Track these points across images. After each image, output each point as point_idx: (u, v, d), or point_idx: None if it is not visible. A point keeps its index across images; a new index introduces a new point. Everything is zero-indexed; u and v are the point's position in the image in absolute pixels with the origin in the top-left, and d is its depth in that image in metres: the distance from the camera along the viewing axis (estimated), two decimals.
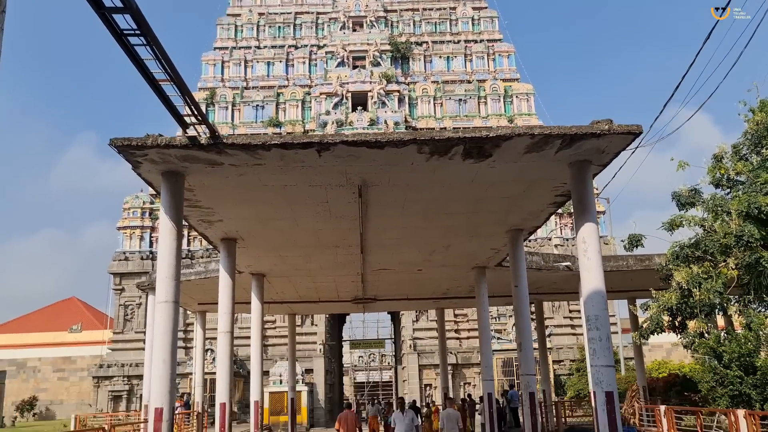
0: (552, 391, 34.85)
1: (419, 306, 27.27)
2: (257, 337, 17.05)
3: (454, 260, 16.34)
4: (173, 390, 8.58)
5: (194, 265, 18.59)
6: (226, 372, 12.85)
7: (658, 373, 33.59)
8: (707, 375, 13.40)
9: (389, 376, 77.29)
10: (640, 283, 20.39)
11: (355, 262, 16.07)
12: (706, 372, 13.70)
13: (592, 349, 8.67)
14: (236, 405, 37.16)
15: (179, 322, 40.10)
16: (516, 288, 13.16)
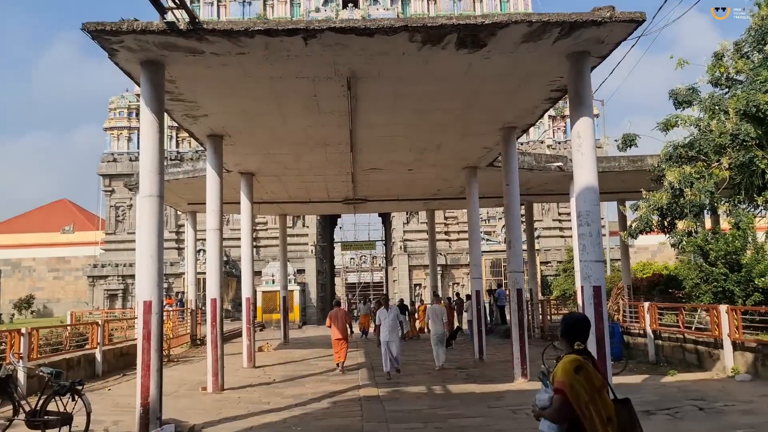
0: (539, 290, 35.75)
1: (410, 207, 27.35)
2: (247, 235, 17.06)
3: (446, 160, 16.14)
4: (161, 284, 8.57)
5: (182, 164, 18.31)
6: (216, 269, 12.90)
7: (642, 273, 34.30)
8: (692, 273, 13.61)
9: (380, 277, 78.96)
10: (631, 184, 20.37)
11: (345, 162, 15.84)
12: (692, 270, 13.92)
13: (581, 244, 8.66)
14: (230, 303, 38.00)
15: (171, 223, 40.25)
16: (507, 186, 13.05)
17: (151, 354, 8.34)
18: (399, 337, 14.10)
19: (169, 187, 18.84)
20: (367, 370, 15.31)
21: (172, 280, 40.39)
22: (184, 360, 18.35)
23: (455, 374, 14.15)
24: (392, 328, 13.76)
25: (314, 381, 13.72)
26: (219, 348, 12.50)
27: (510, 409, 9.63)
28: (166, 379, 14.52)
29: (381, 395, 11.46)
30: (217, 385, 12.27)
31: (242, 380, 13.97)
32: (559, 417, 3.64)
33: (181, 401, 11.35)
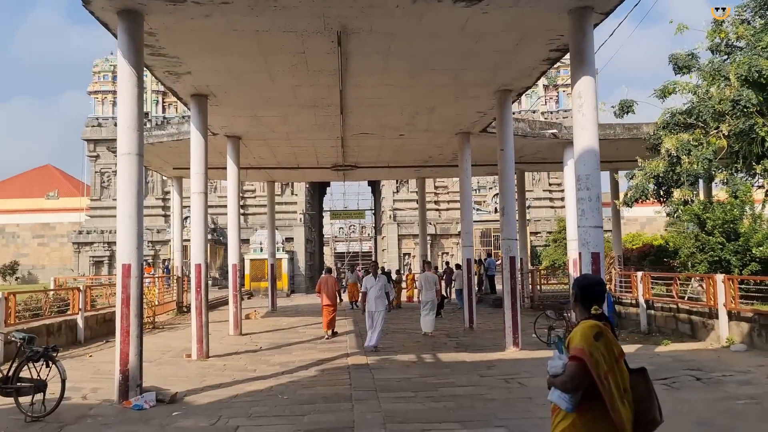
0: (528, 260, 35.66)
1: (400, 175, 26.94)
2: (234, 200, 16.61)
3: (438, 125, 15.70)
4: (141, 246, 8.17)
5: (167, 126, 17.74)
6: (201, 234, 12.50)
7: (632, 244, 34.25)
8: (688, 242, 13.36)
9: (369, 246, 78.82)
10: (625, 152, 20.02)
11: (334, 125, 15.37)
12: (688, 239, 13.66)
13: (580, 209, 8.33)
14: (217, 271, 37.67)
15: (158, 189, 39.61)
16: (502, 152, 12.67)
17: (130, 319, 7.98)
18: (385, 308, 12.88)
19: (154, 150, 18.34)
20: (356, 337, 15.06)
21: (159, 247, 39.95)
22: (170, 327, 18.04)
23: (445, 342, 13.93)
24: (379, 298, 12.70)
25: (302, 348, 13.46)
26: (204, 314, 12.17)
27: (502, 378, 9.39)
28: (150, 345, 14.27)
29: (370, 363, 11.20)
30: (201, 353, 11.97)
31: (228, 347, 13.68)
32: (572, 386, 3.29)
33: (165, 368, 11.04)
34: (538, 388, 8.72)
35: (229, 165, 16.69)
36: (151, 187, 41.48)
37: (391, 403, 7.93)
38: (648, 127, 17.91)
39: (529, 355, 11.76)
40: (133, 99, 8.16)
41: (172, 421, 7.32)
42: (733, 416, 6.75)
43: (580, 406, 3.32)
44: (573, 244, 18.83)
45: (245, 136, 16.56)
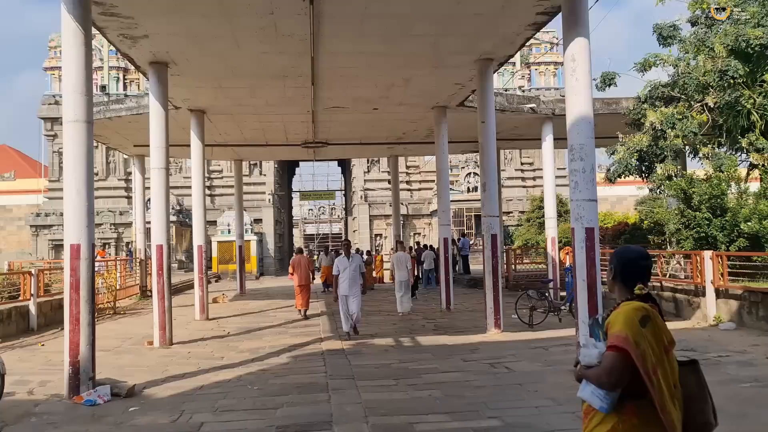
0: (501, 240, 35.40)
1: (373, 152, 26.19)
2: (199, 178, 15.72)
3: (414, 98, 14.99)
4: (92, 225, 7.33)
5: (125, 100, 16.70)
6: (163, 213, 11.64)
7: (604, 223, 34.16)
8: (674, 218, 12.97)
9: (339, 228, 78.12)
10: (603, 129, 19.53)
11: (305, 98, 14.54)
12: (672, 215, 13.28)
13: (574, 181, 7.74)
14: (183, 254, 36.57)
15: (120, 169, 38.13)
16: (483, 124, 12.03)
17: (80, 305, 7.17)
18: (360, 291, 11.75)
19: (112, 126, 17.30)
20: (329, 321, 14.40)
21: (122, 229, 38.63)
22: (132, 312, 17.12)
23: (423, 325, 13.36)
24: (352, 281, 11.52)
25: (272, 334, 12.74)
26: (167, 299, 11.35)
27: (488, 363, 8.82)
28: (110, 333, 13.42)
29: (345, 348, 10.56)
30: (164, 339, 11.18)
31: (194, 333, 12.89)
32: (610, 381, 2.61)
33: (124, 357, 10.23)
34: (526, 372, 8.19)
35: (193, 141, 15.77)
36: (113, 167, 40.03)
37: (372, 393, 7.29)
38: (627, 102, 17.48)
39: (512, 337, 11.24)
40: (79, 60, 7.27)
41: (128, 418, 6.56)
42: (743, 401, 6.27)
43: (621, 406, 2.67)
44: (551, 222, 18.45)
45: (210, 110, 15.64)
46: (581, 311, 7.65)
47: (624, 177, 14.55)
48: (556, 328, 12.06)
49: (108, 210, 38.96)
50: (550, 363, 8.66)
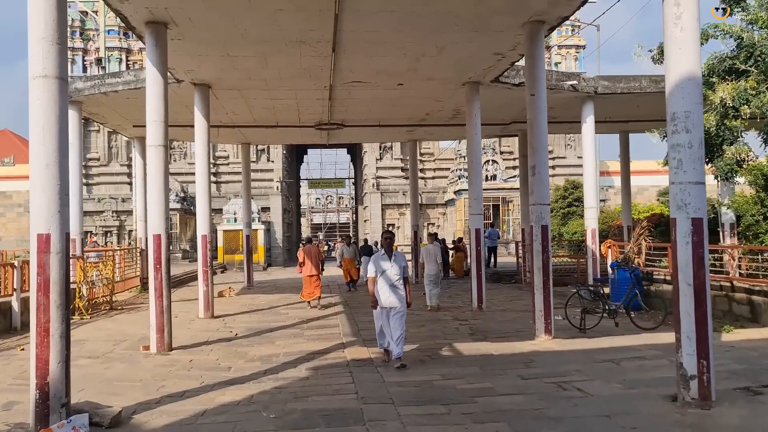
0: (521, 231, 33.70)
1: (390, 137, 24.51)
2: (203, 160, 14.14)
3: (445, 71, 13.34)
4: (65, 209, 5.75)
5: (123, 73, 15.09)
6: (161, 197, 10.04)
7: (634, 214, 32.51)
8: (752, 208, 11.33)
9: (346, 217, 76.69)
10: (645, 110, 17.94)
11: (323, 70, 12.91)
12: (750, 204, 11.63)
13: (675, 160, 6.10)
14: (187, 243, 35.10)
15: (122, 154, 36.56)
16: (532, 97, 10.37)
17: (50, 312, 5.60)
18: (405, 304, 8.33)
19: (109, 103, 15.73)
20: (348, 320, 12.85)
21: (124, 217, 37.17)
22: (130, 308, 15.59)
23: (456, 328, 11.77)
24: (395, 289, 8.23)
25: (286, 336, 11.19)
26: (165, 297, 9.79)
27: (553, 382, 7.21)
28: (102, 333, 11.87)
29: (374, 358, 8.98)
30: (162, 344, 9.62)
31: (196, 335, 11.35)
32: None
33: (114, 367, 8.67)
34: (606, 398, 6.57)
35: (197, 120, 14.18)
36: (116, 152, 38.54)
37: (421, 427, 5.71)
38: None
39: (567, 345, 9.62)
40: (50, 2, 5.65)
41: None
42: None
43: None
44: (591, 213, 16.77)
45: (216, 85, 14.02)
46: (685, 323, 6.03)
47: None
48: (613, 333, 10.46)
49: (110, 197, 37.50)
50: (632, 384, 7.05)
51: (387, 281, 8.22)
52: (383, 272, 8.24)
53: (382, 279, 8.23)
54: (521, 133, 21.43)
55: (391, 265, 8.24)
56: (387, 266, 8.25)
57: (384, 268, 8.25)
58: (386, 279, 8.21)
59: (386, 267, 8.25)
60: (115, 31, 38.40)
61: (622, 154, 22.22)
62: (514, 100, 16.59)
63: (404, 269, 8.31)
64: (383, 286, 8.23)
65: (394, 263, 8.25)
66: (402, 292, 8.24)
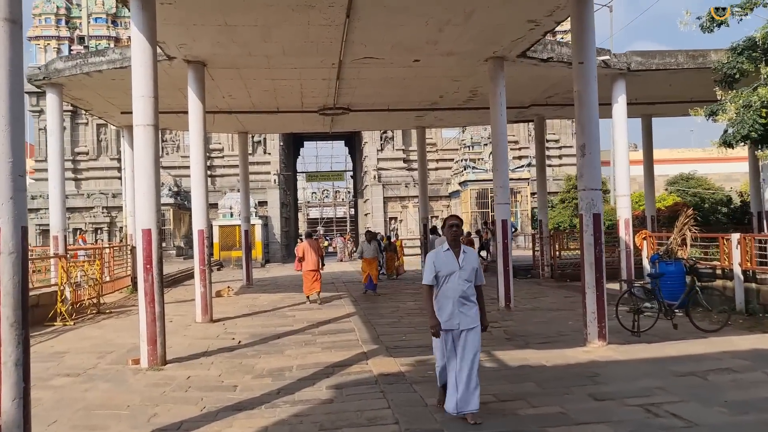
0: (529, 224, 32.38)
1: (398, 123, 23.04)
2: (199, 146, 12.69)
3: (469, 44, 11.93)
4: (21, 200, 4.31)
5: (108, 51, 13.59)
6: (150, 186, 8.60)
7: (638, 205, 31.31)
8: None
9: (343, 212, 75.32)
10: (678, 90, 16.61)
11: (332, 43, 11.49)
12: None
13: None
14: (182, 239, 33.66)
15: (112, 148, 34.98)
16: (581, 66, 8.98)
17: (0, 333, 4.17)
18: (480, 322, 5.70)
19: (92, 85, 14.25)
20: (365, 325, 11.46)
21: (115, 213, 35.61)
22: (120, 311, 14.15)
23: (489, 331, 10.33)
24: (466, 298, 5.60)
25: (296, 344, 9.79)
26: (158, 302, 8.36)
27: (638, 405, 5.83)
28: (86, 343, 10.36)
29: (405, 372, 7.60)
30: (155, 357, 8.21)
31: (194, 344, 9.94)
32: None
33: (97, 388, 7.24)
34: (716, 427, 5.21)
35: (191, 103, 12.74)
36: (105, 145, 36.96)
37: None
38: (717, 55, 14.44)
39: (627, 353, 8.25)
40: None
41: None
42: None
43: None
44: (623, 201, 15.39)
45: (212, 62, 12.57)
46: None
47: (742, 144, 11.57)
48: (673, 337, 9.11)
49: (100, 192, 35.94)
50: (739, 408, 5.68)
51: (453, 290, 5.52)
52: (448, 277, 5.54)
53: (445, 288, 5.56)
54: (537, 118, 20.10)
55: (460, 266, 5.54)
56: (453, 267, 5.53)
57: (449, 269, 5.53)
58: (452, 287, 5.53)
59: (452, 268, 5.53)
60: (103, 19, 36.76)
61: (645, 140, 20.89)
62: (536, 80, 15.24)
63: (477, 273, 5.65)
64: (447, 299, 5.55)
65: (464, 263, 5.55)
66: (475, 308, 5.58)
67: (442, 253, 5.66)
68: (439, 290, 5.61)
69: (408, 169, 37.33)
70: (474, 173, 32.36)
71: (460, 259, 5.58)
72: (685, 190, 38.91)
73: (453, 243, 5.65)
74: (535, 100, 17.41)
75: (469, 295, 5.57)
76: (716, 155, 48.86)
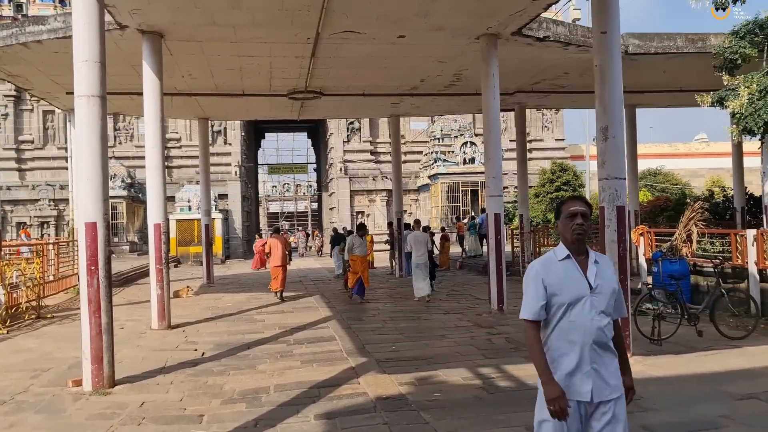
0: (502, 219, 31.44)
1: (372, 111, 21.66)
2: (155, 131, 11.15)
3: (461, 16, 10.70)
4: None
5: (48, 20, 11.88)
6: (96, 172, 7.12)
7: None
8: None
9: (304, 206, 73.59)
10: (671, 77, 15.73)
11: (310, 11, 10.11)
12: None
13: None
14: (136, 234, 31.73)
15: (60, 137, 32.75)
16: (603, 35, 7.82)
17: None
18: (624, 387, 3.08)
19: (31, 58, 12.56)
20: (346, 332, 10.16)
21: (62, 206, 33.33)
22: (63, 315, 12.50)
23: (488, 339, 9.21)
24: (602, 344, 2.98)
25: (270, 356, 8.45)
26: (105, 311, 6.88)
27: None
28: (19, 358, 8.63)
29: (406, 394, 6.35)
30: (100, 378, 6.75)
31: (149, 356, 8.50)
32: None
33: (24, 423, 5.76)
34: None
35: (146, 79, 11.18)
36: (52, 134, 34.62)
37: None
38: (717, 39, 13.57)
39: (662, 368, 7.11)
40: None
41: None
42: None
43: None
44: None
45: (170, 33, 11.04)
46: None
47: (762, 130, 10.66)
48: (700, 346, 8.07)
49: (46, 183, 33.61)
50: None
51: (582, 330, 2.98)
52: (571, 306, 3.00)
53: (566, 325, 3.00)
54: (518, 107, 19.00)
55: (593, 287, 3.01)
56: (581, 290, 3.01)
57: (575, 293, 3.00)
58: (580, 324, 2.99)
59: (579, 291, 3.00)
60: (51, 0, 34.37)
61: (630, 132, 20.04)
62: (526, 63, 14.12)
63: (617, 298, 3.10)
64: (569, 344, 2.99)
65: (598, 281, 3.03)
66: (615, 361, 3.04)
67: (556, 263, 3.05)
68: (552, 330, 3.02)
69: (376, 162, 36.05)
70: (445, 166, 31.28)
71: (591, 273, 3.02)
72: (653, 185, 38.62)
73: (576, 246, 3.05)
74: (521, 87, 16.33)
75: (606, 339, 2.99)
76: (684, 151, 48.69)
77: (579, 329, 2.95)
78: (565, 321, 2.97)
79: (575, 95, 17.58)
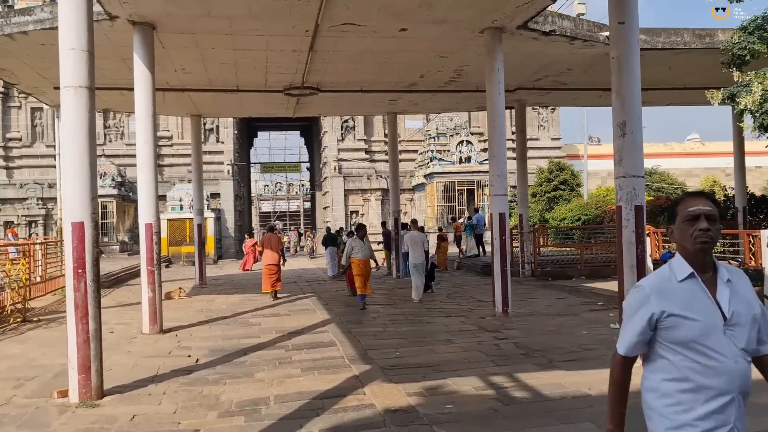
0: None
1: (369, 108, 21.23)
2: (147, 126, 10.68)
3: (465, 9, 10.33)
4: None
5: (35, 10, 11.39)
6: (84, 167, 6.65)
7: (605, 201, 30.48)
8: None
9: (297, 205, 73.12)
10: (675, 74, 15.42)
11: (310, 3, 9.68)
12: None
13: None
14: (126, 234, 31.16)
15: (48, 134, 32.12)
16: (621, 26, 7.47)
17: None
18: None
19: (17, 51, 12.08)
20: (346, 336, 9.74)
21: (51, 205, 32.72)
22: (51, 318, 12.01)
23: (496, 344, 8.82)
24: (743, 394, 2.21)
25: (269, 363, 8.01)
26: (92, 317, 6.43)
27: None
28: (2, 364, 8.28)
29: (417, 407, 5.94)
30: (88, 389, 6.30)
31: (140, 363, 8.05)
32: None
33: None
34: None
35: (138, 72, 10.72)
36: (40, 131, 33.96)
37: None
38: (724, 35, 13.26)
39: None
40: None
41: None
42: None
43: None
44: None
45: (163, 24, 10.58)
46: None
47: None
48: None
49: (35, 182, 32.99)
50: None
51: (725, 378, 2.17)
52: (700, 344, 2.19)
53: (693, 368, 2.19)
54: (518, 104, 18.68)
55: (726, 315, 2.20)
56: (712, 317, 2.20)
57: (705, 325, 2.19)
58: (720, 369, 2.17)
59: (710, 320, 2.20)
60: None
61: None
62: (528, 59, 13.76)
63: (761, 326, 2.27)
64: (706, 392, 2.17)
65: (733, 308, 2.21)
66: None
67: (675, 284, 2.26)
68: (671, 375, 2.25)
69: (370, 161, 35.63)
70: (441, 165, 30.90)
71: (723, 296, 2.23)
72: (649, 185, 38.46)
73: (701, 259, 2.27)
74: (522, 84, 15.96)
75: (750, 386, 2.24)
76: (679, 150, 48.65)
77: (720, 375, 2.17)
78: (693, 363, 2.19)
79: (577, 92, 17.24)
